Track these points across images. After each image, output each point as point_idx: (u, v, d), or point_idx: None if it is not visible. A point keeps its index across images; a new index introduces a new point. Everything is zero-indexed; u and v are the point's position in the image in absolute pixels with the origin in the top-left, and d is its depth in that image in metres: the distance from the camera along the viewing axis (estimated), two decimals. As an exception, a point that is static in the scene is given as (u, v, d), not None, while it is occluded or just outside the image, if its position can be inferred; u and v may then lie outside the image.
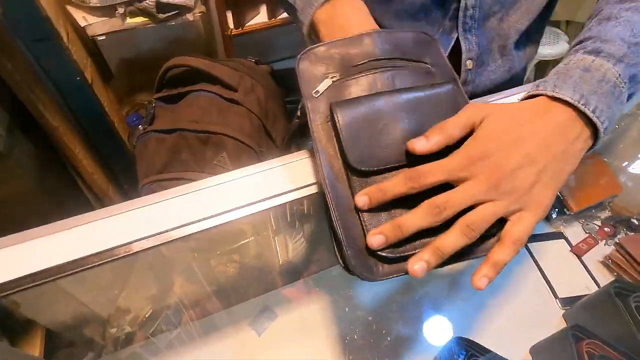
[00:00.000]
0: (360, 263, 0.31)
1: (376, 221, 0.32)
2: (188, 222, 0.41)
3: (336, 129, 0.35)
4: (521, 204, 0.30)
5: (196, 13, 0.92)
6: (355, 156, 0.33)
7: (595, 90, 0.31)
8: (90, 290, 0.50)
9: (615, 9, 0.36)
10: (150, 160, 0.77)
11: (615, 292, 0.56)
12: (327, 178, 0.34)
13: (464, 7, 0.48)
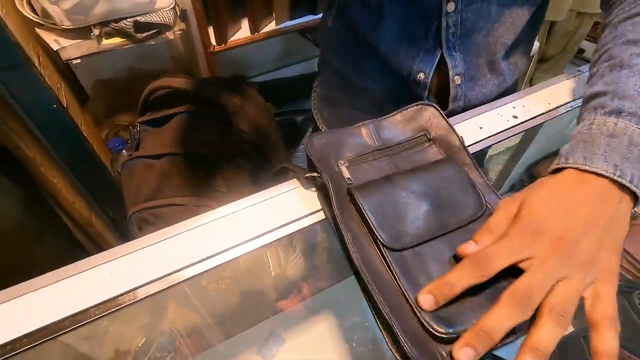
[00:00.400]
0: (423, 352, 0.28)
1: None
2: (192, 262, 0.39)
3: (362, 212, 0.36)
4: (594, 274, 0.28)
5: (176, 31, 0.89)
6: (388, 236, 0.34)
7: (627, 157, 0.30)
8: (87, 340, 0.47)
9: (626, 54, 0.35)
10: (138, 187, 0.74)
11: (618, 290, 0.57)
12: (362, 263, 0.33)
13: (445, 26, 0.49)
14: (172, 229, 0.41)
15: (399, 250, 0.34)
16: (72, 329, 0.34)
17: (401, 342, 0.29)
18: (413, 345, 0.28)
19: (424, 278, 0.32)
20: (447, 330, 0.29)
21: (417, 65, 0.52)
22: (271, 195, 0.45)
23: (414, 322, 0.30)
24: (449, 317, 0.30)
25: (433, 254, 0.34)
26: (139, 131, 0.76)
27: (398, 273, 0.32)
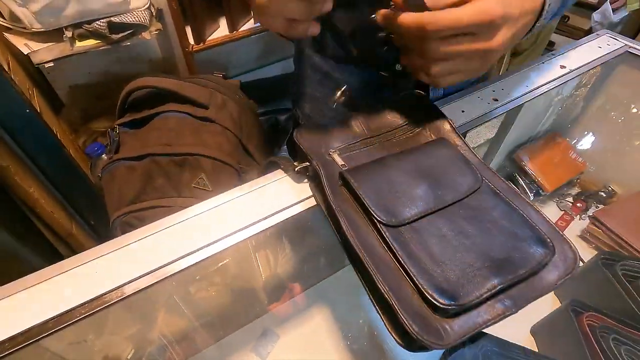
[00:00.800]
0: (425, 328, 0.28)
1: (424, 272, 0.31)
2: (181, 256, 0.38)
3: (356, 194, 0.36)
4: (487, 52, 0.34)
5: (152, 31, 0.88)
6: (384, 214, 0.34)
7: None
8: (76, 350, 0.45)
9: None
10: (120, 191, 0.72)
11: (602, 263, 0.59)
12: (359, 243, 0.33)
13: None
14: (158, 223, 0.40)
15: (396, 226, 0.34)
16: (58, 329, 0.32)
17: (401, 319, 0.28)
18: (414, 322, 0.28)
19: (423, 252, 0.32)
20: (449, 301, 0.29)
21: (398, 54, 0.53)
22: (258, 185, 0.44)
23: (414, 300, 0.30)
24: (451, 289, 0.30)
25: (431, 228, 0.34)
26: (119, 133, 0.74)
27: (397, 249, 0.32)
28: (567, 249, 0.34)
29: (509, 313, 0.31)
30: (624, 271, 0.57)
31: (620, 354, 0.49)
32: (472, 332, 0.30)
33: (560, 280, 0.33)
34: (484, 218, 0.36)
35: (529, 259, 0.32)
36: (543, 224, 0.36)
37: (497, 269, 0.31)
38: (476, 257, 0.32)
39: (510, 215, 0.36)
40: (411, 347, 0.30)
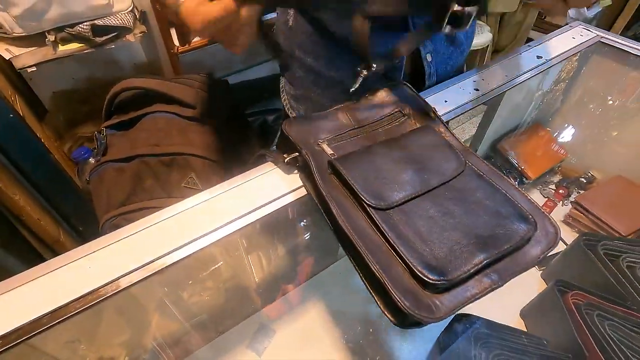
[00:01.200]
0: (416, 304, 0.29)
1: (413, 250, 0.32)
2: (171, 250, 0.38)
3: (345, 180, 0.37)
4: None
5: (137, 34, 0.88)
6: (373, 198, 0.35)
7: None
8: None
9: None
10: (109, 193, 0.71)
11: (584, 244, 0.61)
12: (349, 226, 0.34)
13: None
14: (150, 218, 0.41)
15: (385, 209, 0.35)
16: (53, 324, 0.32)
17: (393, 296, 0.29)
18: (405, 298, 0.29)
19: (412, 233, 0.33)
20: (438, 277, 0.30)
21: (390, 50, 0.54)
22: (248, 178, 0.45)
23: (405, 278, 0.31)
24: (439, 266, 0.31)
25: (418, 210, 0.35)
26: (106, 136, 0.73)
27: (386, 230, 0.33)
28: (548, 225, 0.36)
29: (496, 286, 0.32)
30: (605, 250, 0.59)
31: (605, 328, 0.51)
32: (462, 306, 0.31)
33: (543, 254, 0.34)
34: (469, 199, 0.37)
35: (512, 234, 0.34)
36: (525, 202, 0.37)
37: (482, 245, 0.33)
38: (462, 235, 0.34)
39: (494, 195, 0.37)
40: (404, 324, 0.32)
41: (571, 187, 0.87)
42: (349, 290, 0.73)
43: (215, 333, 0.66)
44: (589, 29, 0.74)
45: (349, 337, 0.66)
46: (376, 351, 0.65)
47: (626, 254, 0.59)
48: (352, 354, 0.64)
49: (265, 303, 0.71)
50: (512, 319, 0.67)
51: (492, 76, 0.61)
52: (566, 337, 0.54)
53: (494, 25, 1.78)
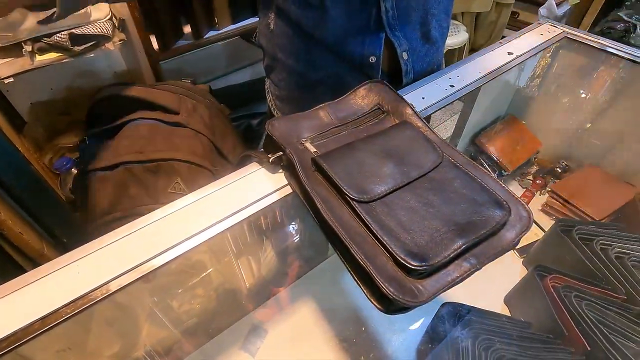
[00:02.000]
0: (400, 289, 0.30)
1: (395, 239, 0.33)
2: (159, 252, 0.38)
3: (328, 176, 0.38)
4: None
5: (116, 42, 0.87)
6: (356, 191, 0.37)
7: None
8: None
9: None
10: (94, 203, 0.71)
11: (560, 229, 0.64)
12: (334, 220, 0.35)
13: (384, 11, 0.53)
14: (137, 222, 0.41)
15: (367, 202, 0.36)
16: (43, 331, 0.32)
17: (378, 283, 0.31)
18: (390, 284, 0.31)
19: (394, 223, 0.35)
20: (420, 263, 0.31)
21: (366, 51, 0.56)
22: (234, 179, 0.46)
23: (388, 265, 0.33)
24: (420, 253, 0.32)
25: (399, 202, 0.37)
26: (88, 145, 0.73)
27: (370, 221, 0.35)
28: (522, 209, 0.38)
29: (474, 269, 0.34)
30: (580, 235, 0.62)
31: (582, 308, 0.54)
32: (444, 289, 0.32)
33: (518, 237, 0.36)
34: (447, 189, 0.39)
35: (488, 220, 0.36)
36: (499, 189, 0.39)
37: (461, 231, 0.35)
38: (442, 223, 0.35)
39: (470, 184, 0.39)
40: (389, 310, 0.33)
41: (547, 177, 0.90)
42: (339, 288, 0.74)
43: (207, 337, 0.66)
44: (555, 25, 0.78)
45: (341, 334, 0.67)
46: (368, 345, 0.66)
47: (599, 237, 0.62)
48: (344, 350, 0.65)
49: (256, 305, 0.71)
50: (497, 306, 0.70)
51: (466, 72, 0.63)
52: (547, 318, 0.57)
53: (469, 25, 1.84)
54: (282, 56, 0.62)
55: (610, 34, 1.76)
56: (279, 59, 0.62)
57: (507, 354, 0.51)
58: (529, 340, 0.54)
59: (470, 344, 0.52)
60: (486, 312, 0.59)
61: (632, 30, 1.70)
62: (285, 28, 0.59)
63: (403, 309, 0.33)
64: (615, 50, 0.74)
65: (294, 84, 0.64)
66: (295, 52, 0.60)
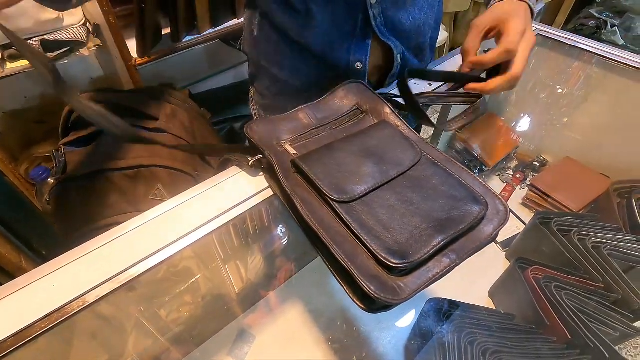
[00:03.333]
0: (381, 288, 0.31)
1: (376, 238, 0.33)
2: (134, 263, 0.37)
3: (308, 178, 0.38)
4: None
5: (91, 47, 0.85)
6: (336, 192, 0.37)
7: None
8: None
9: None
10: (72, 213, 0.69)
11: (539, 222, 0.66)
12: (315, 221, 0.35)
13: (372, 17, 0.53)
14: (115, 231, 0.40)
15: (347, 202, 0.36)
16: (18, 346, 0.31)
17: (359, 282, 0.31)
18: (371, 283, 0.31)
19: (374, 222, 0.35)
20: (401, 260, 0.32)
21: (352, 57, 0.56)
22: (214, 183, 0.45)
23: (370, 264, 0.33)
24: (401, 250, 0.33)
25: (379, 200, 0.37)
26: (64, 153, 0.71)
27: (350, 221, 0.35)
28: (499, 204, 0.39)
29: (454, 265, 0.34)
30: (558, 226, 0.64)
31: (562, 297, 0.55)
32: (425, 286, 0.33)
33: (495, 231, 0.37)
34: (426, 186, 0.39)
35: (466, 215, 0.36)
36: (476, 185, 0.40)
37: (440, 227, 0.35)
38: (421, 220, 0.36)
39: (448, 180, 0.40)
40: (372, 308, 0.33)
41: (526, 171, 0.92)
42: (325, 290, 0.74)
43: (195, 344, 0.65)
44: (529, 23, 0.80)
45: (330, 335, 0.67)
46: (357, 345, 0.66)
47: (577, 228, 0.64)
48: (334, 351, 0.65)
49: (244, 310, 0.71)
50: (482, 299, 0.71)
51: (444, 70, 0.64)
52: (529, 309, 0.58)
53: (448, 24, 1.87)
54: (266, 63, 0.61)
55: (583, 31, 1.82)
56: (262, 66, 0.62)
57: (492, 347, 0.52)
58: (512, 331, 0.55)
59: (455, 338, 0.53)
60: (470, 306, 0.60)
61: (603, 26, 1.76)
62: (270, 34, 0.58)
63: (385, 307, 0.33)
64: (586, 47, 0.76)
65: (277, 92, 0.64)
66: (279, 59, 0.59)
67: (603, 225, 0.64)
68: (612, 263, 0.58)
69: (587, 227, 0.64)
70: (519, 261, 0.62)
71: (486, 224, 0.37)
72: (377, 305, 0.33)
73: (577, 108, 0.91)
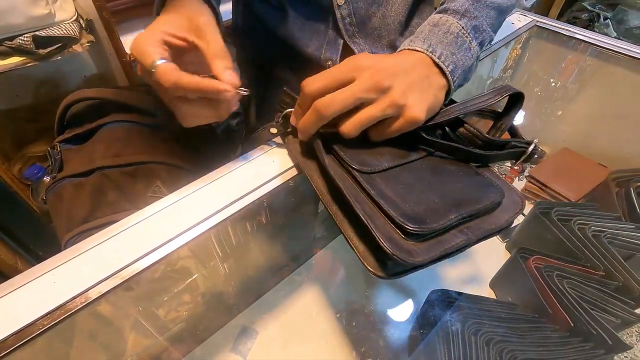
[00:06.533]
0: (397, 247, 0.31)
1: (394, 205, 0.34)
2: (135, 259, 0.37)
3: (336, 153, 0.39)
4: (397, 110, 0.35)
5: (84, 43, 0.84)
6: (359, 164, 0.37)
7: (441, 41, 0.38)
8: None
9: None
10: (70, 211, 0.68)
11: (539, 212, 0.66)
12: (339, 179, 0.35)
13: (340, 18, 0.52)
14: (114, 227, 0.40)
15: (368, 173, 0.37)
16: (19, 345, 0.30)
17: (377, 237, 0.31)
18: (389, 242, 0.31)
19: (392, 193, 0.35)
20: (418, 225, 0.32)
21: (324, 55, 0.55)
22: (213, 178, 0.45)
23: (387, 227, 0.33)
24: (417, 217, 0.33)
25: (399, 177, 0.38)
26: (60, 151, 0.69)
27: (369, 188, 0.35)
28: (514, 195, 0.39)
29: (469, 241, 0.34)
30: (558, 216, 0.64)
31: (564, 286, 0.56)
32: (438, 256, 0.33)
33: (512, 218, 0.37)
34: (443, 170, 0.40)
35: (483, 198, 0.37)
36: (492, 175, 0.40)
37: (457, 204, 0.35)
38: (439, 197, 0.36)
39: (465, 168, 0.41)
40: (385, 272, 0.33)
41: (524, 163, 0.93)
42: (327, 285, 0.74)
43: (196, 342, 0.65)
44: (525, 14, 0.80)
45: (332, 329, 0.67)
46: (360, 338, 0.66)
47: (576, 217, 0.64)
48: (336, 345, 0.65)
49: (245, 306, 0.70)
50: (483, 291, 0.71)
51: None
52: (531, 298, 0.58)
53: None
54: (250, 53, 0.61)
55: (576, 24, 1.83)
56: (246, 55, 0.62)
57: (496, 336, 0.52)
58: (515, 321, 0.56)
59: (459, 328, 0.53)
60: (474, 297, 0.60)
61: (596, 19, 1.78)
62: (254, 25, 0.58)
63: (396, 273, 0.33)
64: (583, 37, 0.76)
65: (262, 81, 0.64)
66: (261, 48, 0.59)
67: (602, 214, 0.65)
68: (612, 251, 0.58)
69: (586, 216, 0.64)
70: (521, 251, 0.63)
71: (502, 210, 0.38)
72: (388, 270, 0.33)
73: (573, 99, 0.91)
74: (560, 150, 0.90)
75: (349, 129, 0.35)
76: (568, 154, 0.88)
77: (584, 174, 0.82)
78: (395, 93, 0.34)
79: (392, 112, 0.35)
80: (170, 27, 0.35)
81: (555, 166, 0.85)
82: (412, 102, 0.35)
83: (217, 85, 0.33)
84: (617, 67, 0.78)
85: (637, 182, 0.68)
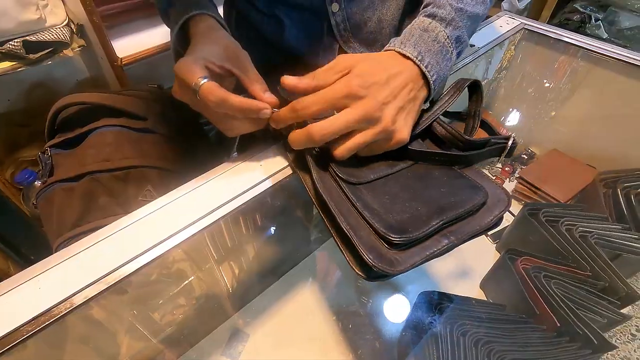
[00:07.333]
0: (379, 258, 0.32)
1: (377, 217, 0.35)
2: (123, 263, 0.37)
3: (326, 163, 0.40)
4: (387, 135, 0.37)
5: (75, 48, 0.84)
6: (346, 174, 0.38)
7: (429, 49, 0.38)
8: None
9: None
10: (60, 215, 0.68)
11: (528, 213, 0.67)
12: (325, 190, 0.37)
13: (335, 24, 0.53)
14: (102, 231, 0.40)
15: (354, 184, 0.38)
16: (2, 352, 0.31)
17: (359, 250, 0.32)
18: (370, 252, 0.32)
19: (377, 204, 0.36)
20: (400, 235, 0.33)
21: (320, 61, 0.56)
22: (204, 181, 0.45)
23: (370, 238, 0.34)
24: (400, 227, 0.34)
25: (384, 188, 0.39)
26: (51, 156, 0.69)
27: (354, 200, 0.36)
28: (500, 192, 0.40)
29: (452, 245, 0.35)
30: (546, 217, 0.65)
31: (551, 286, 0.56)
32: (421, 261, 0.33)
33: (496, 218, 0.38)
34: (428, 177, 0.41)
35: (466, 201, 0.37)
36: (477, 175, 0.41)
37: (440, 210, 0.36)
38: (422, 205, 0.37)
39: (449, 171, 0.41)
40: (369, 276, 0.34)
41: (515, 163, 0.94)
42: (318, 287, 0.74)
43: (188, 345, 0.65)
44: (513, 17, 0.81)
45: (324, 332, 0.67)
46: (351, 341, 0.67)
47: (564, 218, 0.65)
48: (328, 348, 0.65)
49: (237, 308, 0.70)
50: (473, 291, 0.72)
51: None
52: (519, 299, 0.59)
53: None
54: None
55: (568, 25, 1.84)
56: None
57: (484, 337, 0.52)
58: (503, 321, 0.56)
59: (448, 330, 0.54)
60: (462, 298, 0.60)
61: (587, 20, 1.79)
62: (248, 31, 0.58)
63: (382, 276, 0.34)
64: (571, 40, 0.77)
65: None
66: (255, 54, 0.59)
67: (590, 215, 0.66)
68: (599, 251, 0.59)
69: (574, 217, 0.65)
70: (509, 252, 0.63)
71: (486, 210, 0.38)
72: (373, 273, 0.33)
73: (563, 101, 0.92)
74: (549, 151, 0.91)
75: (341, 153, 0.37)
76: (557, 155, 0.89)
77: (573, 175, 0.83)
78: (386, 122, 0.36)
79: (382, 137, 0.37)
80: (209, 56, 0.39)
81: (545, 167, 0.86)
82: (400, 127, 0.37)
83: (258, 104, 0.38)
84: (606, 70, 0.79)
85: (624, 183, 0.69)
